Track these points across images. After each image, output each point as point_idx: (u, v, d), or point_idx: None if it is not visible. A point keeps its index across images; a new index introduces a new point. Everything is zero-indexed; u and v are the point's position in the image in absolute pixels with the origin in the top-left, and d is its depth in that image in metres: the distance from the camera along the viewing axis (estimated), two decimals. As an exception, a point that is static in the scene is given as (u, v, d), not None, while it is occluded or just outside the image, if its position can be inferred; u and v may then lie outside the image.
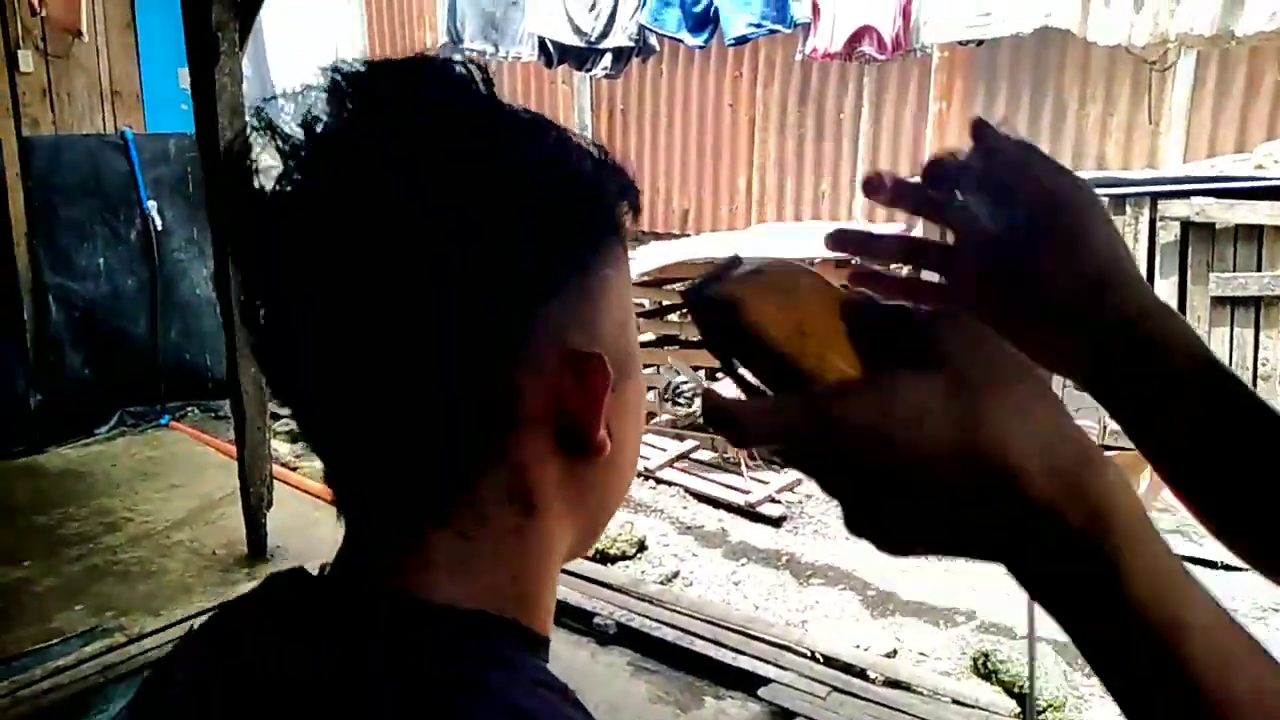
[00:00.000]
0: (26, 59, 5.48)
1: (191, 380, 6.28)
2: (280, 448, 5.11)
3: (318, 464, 0.57)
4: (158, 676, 0.58)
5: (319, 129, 0.51)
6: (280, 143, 0.51)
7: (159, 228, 6.00)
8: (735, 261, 0.54)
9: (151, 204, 5.96)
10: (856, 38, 3.76)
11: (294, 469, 5.31)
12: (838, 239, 0.72)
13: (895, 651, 3.67)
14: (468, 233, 0.49)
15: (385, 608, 0.52)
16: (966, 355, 0.45)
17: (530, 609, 0.56)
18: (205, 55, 3.93)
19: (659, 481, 5.34)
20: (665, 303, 6.42)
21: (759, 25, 3.60)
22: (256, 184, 0.52)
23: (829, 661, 3.54)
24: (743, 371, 0.52)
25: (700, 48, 4.09)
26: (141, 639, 3.61)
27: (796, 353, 0.49)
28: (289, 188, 0.51)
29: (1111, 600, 0.41)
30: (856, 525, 0.46)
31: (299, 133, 0.51)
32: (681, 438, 5.87)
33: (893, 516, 0.45)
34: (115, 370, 5.91)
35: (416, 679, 0.48)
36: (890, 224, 6.07)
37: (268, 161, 0.53)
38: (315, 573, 0.57)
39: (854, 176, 6.31)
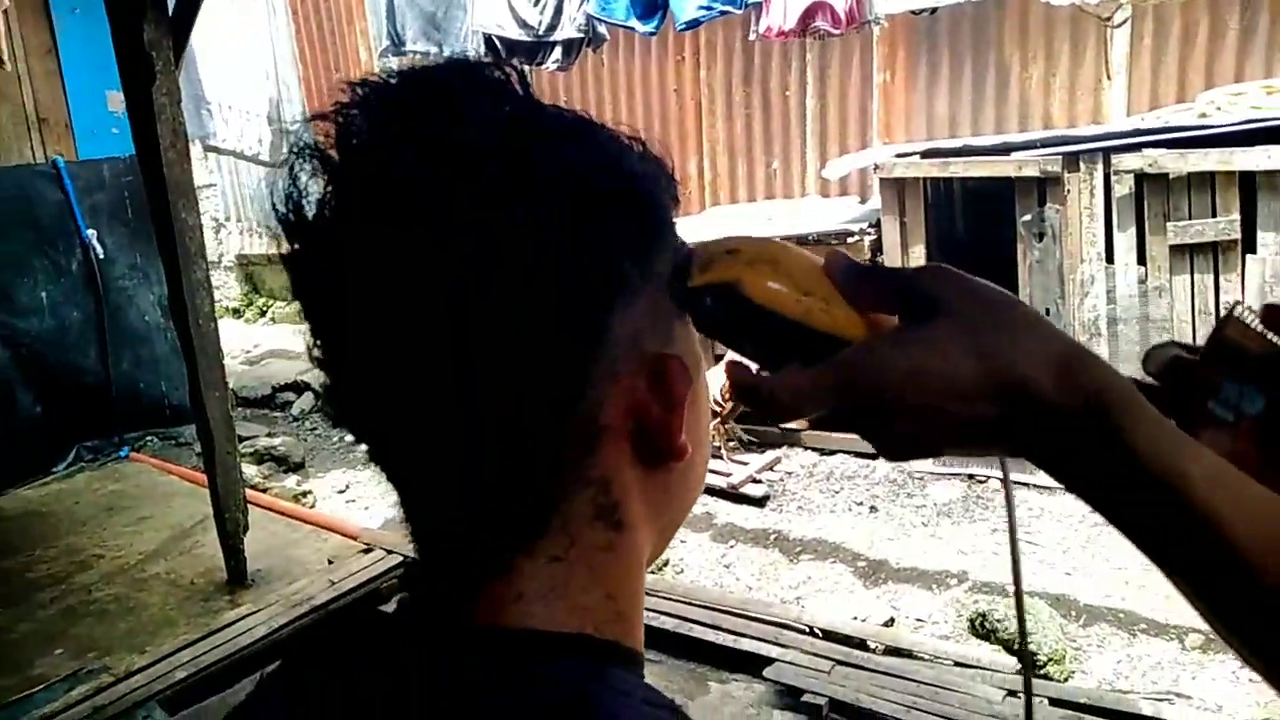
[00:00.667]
0: (-54, 90, 5.30)
1: (148, 409, 6.13)
2: (248, 470, 5.00)
3: (289, 483, 0.54)
4: (246, 706, 0.56)
5: (358, 151, 0.49)
6: (324, 168, 0.49)
7: (100, 256, 5.83)
8: (689, 252, 0.54)
9: (91, 232, 5.79)
10: (810, 14, 3.76)
11: (264, 490, 5.21)
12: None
13: (893, 620, 3.71)
14: (528, 244, 0.47)
15: (482, 643, 0.50)
16: (963, 301, 0.51)
17: (628, 627, 0.54)
18: (140, 75, 3.82)
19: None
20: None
21: (709, 8, 3.57)
22: (296, 209, 0.50)
23: (829, 635, 3.55)
24: (734, 356, 0.56)
25: (651, 34, 4.05)
26: (129, 677, 3.51)
27: (807, 315, 0.52)
28: (332, 214, 0.49)
29: (1123, 462, 0.48)
30: (898, 452, 0.53)
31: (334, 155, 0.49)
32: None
33: (932, 438, 0.53)
34: (68, 405, 5.74)
35: (530, 714, 0.47)
36: (845, 198, 6.12)
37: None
38: (392, 613, 0.56)
39: (804, 153, 6.32)
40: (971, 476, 4.74)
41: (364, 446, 0.54)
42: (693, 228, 5.85)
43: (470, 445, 0.49)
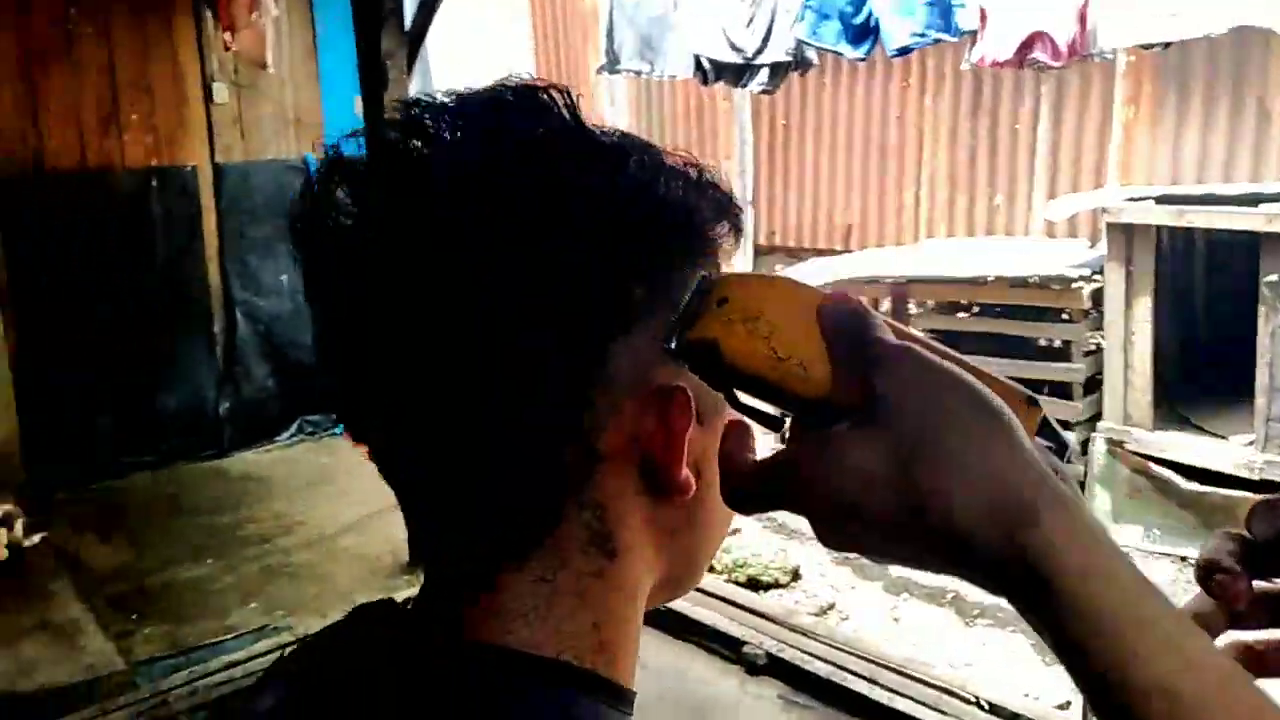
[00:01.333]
0: (221, 91, 5.86)
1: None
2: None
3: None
4: (251, 691, 0.58)
5: (392, 164, 0.51)
6: (351, 177, 0.51)
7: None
8: (705, 283, 0.51)
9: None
10: (1028, 44, 3.54)
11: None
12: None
13: (1069, 703, 3.42)
14: (537, 261, 0.47)
15: (458, 655, 0.50)
16: (912, 410, 0.43)
17: (613, 659, 0.53)
18: (376, 82, 4.09)
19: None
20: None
21: (923, 35, 3.43)
22: (331, 220, 0.51)
23: (995, 710, 3.32)
24: (746, 400, 0.51)
25: (860, 60, 3.95)
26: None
27: (780, 379, 0.48)
28: (356, 222, 0.50)
29: (1057, 647, 0.41)
30: (832, 546, 0.48)
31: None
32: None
33: (863, 549, 0.47)
34: (295, 381, 6.23)
35: (479, 712, 0.48)
36: (1073, 240, 5.73)
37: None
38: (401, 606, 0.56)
39: (1031, 190, 5.98)
40: (1184, 559, 4.31)
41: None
42: (903, 260, 5.65)
43: (463, 458, 0.50)
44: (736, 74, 4.26)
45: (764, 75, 4.17)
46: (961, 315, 5.91)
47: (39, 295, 5.24)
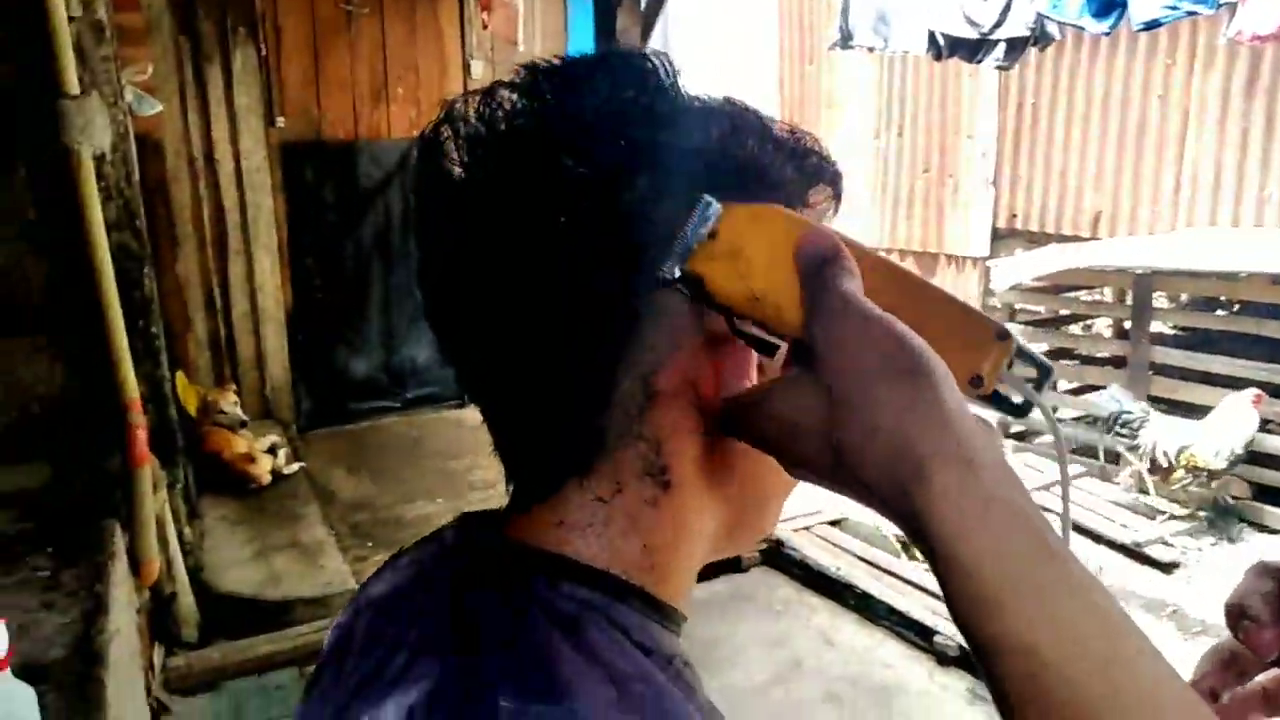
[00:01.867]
0: (478, 68, 6.27)
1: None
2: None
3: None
4: (371, 580, 0.66)
5: (497, 122, 0.55)
6: (460, 134, 0.56)
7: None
8: (703, 214, 0.52)
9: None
10: (1295, 15, 3.18)
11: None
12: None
13: None
14: (609, 211, 0.52)
15: (519, 556, 0.56)
16: (839, 364, 0.47)
17: (662, 580, 0.57)
18: (609, 59, 4.27)
19: (1031, 504, 4.96)
20: (1062, 312, 5.94)
21: (1174, 7, 3.16)
22: (445, 168, 0.57)
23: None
24: (745, 329, 0.54)
25: (1105, 34, 3.69)
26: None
27: (758, 315, 0.51)
28: (462, 173, 0.56)
29: (947, 603, 0.44)
30: (791, 475, 0.54)
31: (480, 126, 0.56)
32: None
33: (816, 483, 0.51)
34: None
35: (526, 618, 0.52)
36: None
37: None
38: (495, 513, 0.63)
39: (1311, 178, 5.37)
40: None
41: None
42: (1153, 249, 5.25)
43: (534, 383, 0.55)
44: (971, 49, 4.10)
45: (1000, 51, 3.99)
46: (1220, 313, 5.44)
47: (311, 253, 5.83)
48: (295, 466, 5.00)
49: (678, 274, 0.51)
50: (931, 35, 4.25)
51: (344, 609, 0.66)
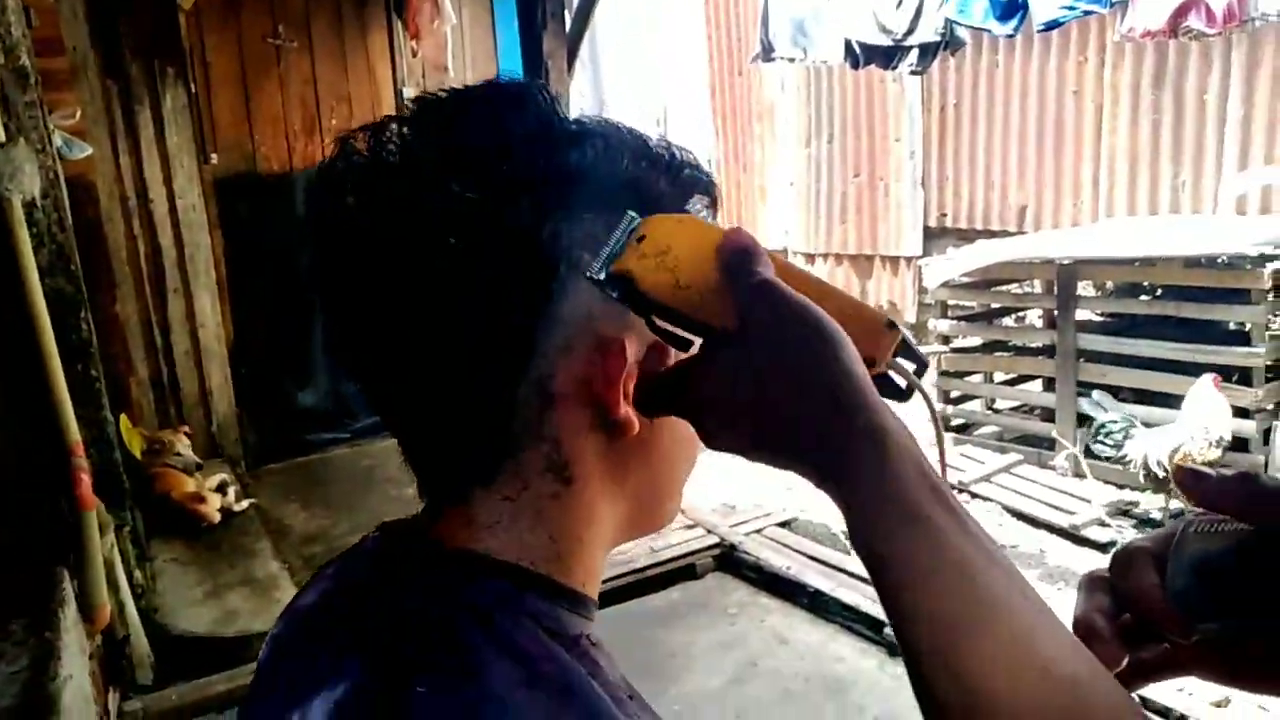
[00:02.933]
0: (409, 94, 6.29)
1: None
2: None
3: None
4: (301, 592, 0.69)
5: (386, 154, 0.59)
6: (353, 166, 0.60)
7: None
8: (630, 223, 0.58)
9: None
10: (1181, 11, 3.34)
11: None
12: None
13: (1228, 701, 3.26)
14: (491, 231, 0.56)
15: (432, 556, 0.61)
16: (764, 339, 0.53)
17: (569, 569, 0.62)
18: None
19: (974, 496, 5.09)
20: (994, 305, 6.10)
21: (1071, 7, 3.32)
22: (339, 201, 0.60)
23: (1143, 703, 3.21)
24: (664, 325, 0.59)
25: (1010, 35, 3.85)
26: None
27: (683, 306, 0.56)
28: (354, 203, 0.59)
29: (851, 534, 0.51)
30: (711, 447, 0.58)
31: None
32: (1004, 450, 5.54)
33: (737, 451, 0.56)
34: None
35: (443, 613, 0.56)
36: (1268, 217, 5.33)
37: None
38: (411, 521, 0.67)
39: (1220, 165, 5.58)
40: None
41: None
42: (1077, 240, 5.43)
43: (434, 397, 0.60)
44: (886, 56, 4.24)
45: (914, 56, 4.14)
46: (1143, 298, 5.62)
47: (251, 288, 5.80)
48: (246, 503, 4.95)
49: (603, 275, 0.57)
50: (848, 44, 4.38)
51: (276, 621, 0.69)
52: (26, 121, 2.94)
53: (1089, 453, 4.87)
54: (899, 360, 0.55)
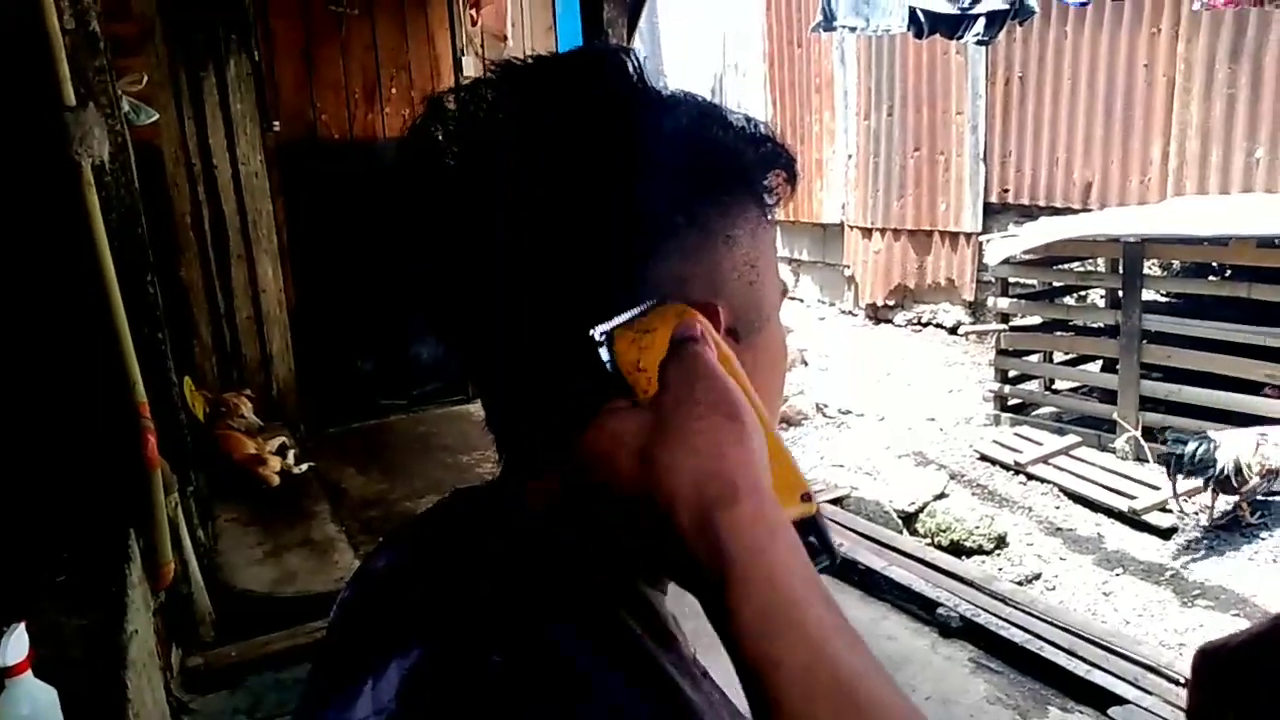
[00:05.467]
0: (468, 64, 6.30)
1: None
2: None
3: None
4: (372, 555, 0.70)
5: (481, 115, 0.60)
6: (447, 128, 0.60)
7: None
8: (650, 306, 0.57)
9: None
10: (1268, -20, 3.21)
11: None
12: None
13: None
14: (591, 192, 0.56)
15: (513, 524, 0.61)
16: (673, 396, 0.51)
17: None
18: (597, 52, 4.31)
19: (1030, 477, 5.01)
20: (1055, 284, 5.98)
21: (1148, -23, 3.21)
22: (435, 161, 0.60)
23: (1204, 693, 3.14)
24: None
25: (1080, 5, 3.74)
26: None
27: (634, 382, 0.55)
28: (453, 164, 0.59)
29: (725, 632, 0.45)
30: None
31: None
32: (1062, 432, 5.45)
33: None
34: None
35: (516, 584, 0.56)
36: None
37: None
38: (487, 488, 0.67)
39: (1298, 142, 5.40)
40: None
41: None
42: (1143, 218, 5.29)
43: (529, 360, 0.59)
44: (952, 25, 4.14)
45: (980, 25, 4.03)
46: (1212, 279, 5.47)
47: (312, 254, 5.88)
48: (305, 466, 5.06)
49: (598, 335, 0.56)
50: (912, 12, 4.29)
51: (346, 585, 0.69)
52: (96, 86, 2.98)
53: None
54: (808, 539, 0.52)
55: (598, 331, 0.56)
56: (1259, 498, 4.32)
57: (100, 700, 2.03)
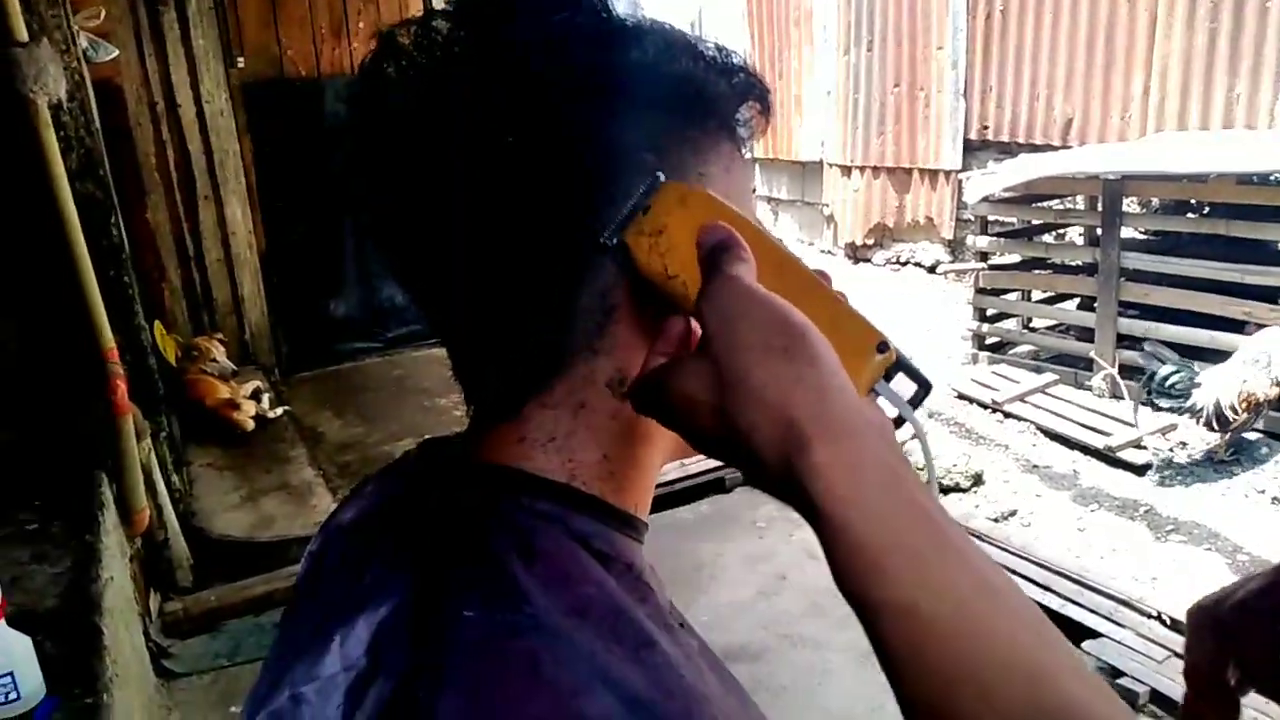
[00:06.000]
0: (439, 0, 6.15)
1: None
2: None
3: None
4: (339, 507, 0.68)
5: (436, 50, 0.56)
6: (399, 64, 0.57)
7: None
8: (647, 188, 0.54)
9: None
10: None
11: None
12: None
13: None
14: (552, 131, 0.53)
15: (479, 474, 0.58)
16: (726, 343, 0.48)
17: (621, 489, 0.59)
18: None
19: (1007, 415, 5.04)
20: (1034, 222, 5.96)
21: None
22: (386, 100, 0.57)
23: (1176, 626, 3.20)
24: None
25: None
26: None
27: (670, 292, 0.53)
28: (405, 102, 0.56)
29: (830, 564, 0.45)
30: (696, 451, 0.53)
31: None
32: (1040, 370, 5.47)
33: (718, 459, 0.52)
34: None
35: (486, 532, 0.54)
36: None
37: None
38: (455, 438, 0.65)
39: (1278, 77, 5.36)
40: None
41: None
42: (1124, 155, 5.27)
43: (492, 302, 0.56)
44: (935, -40, 4.06)
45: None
46: (1191, 216, 5.47)
47: (281, 194, 5.77)
48: (279, 410, 5.02)
49: (615, 242, 0.53)
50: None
51: (314, 538, 0.67)
52: (49, 20, 2.87)
53: (1151, 404, 4.73)
54: (891, 385, 0.50)
55: (610, 237, 0.53)
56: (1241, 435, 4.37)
57: (77, 647, 2.02)
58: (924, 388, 0.52)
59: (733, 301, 0.49)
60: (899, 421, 0.50)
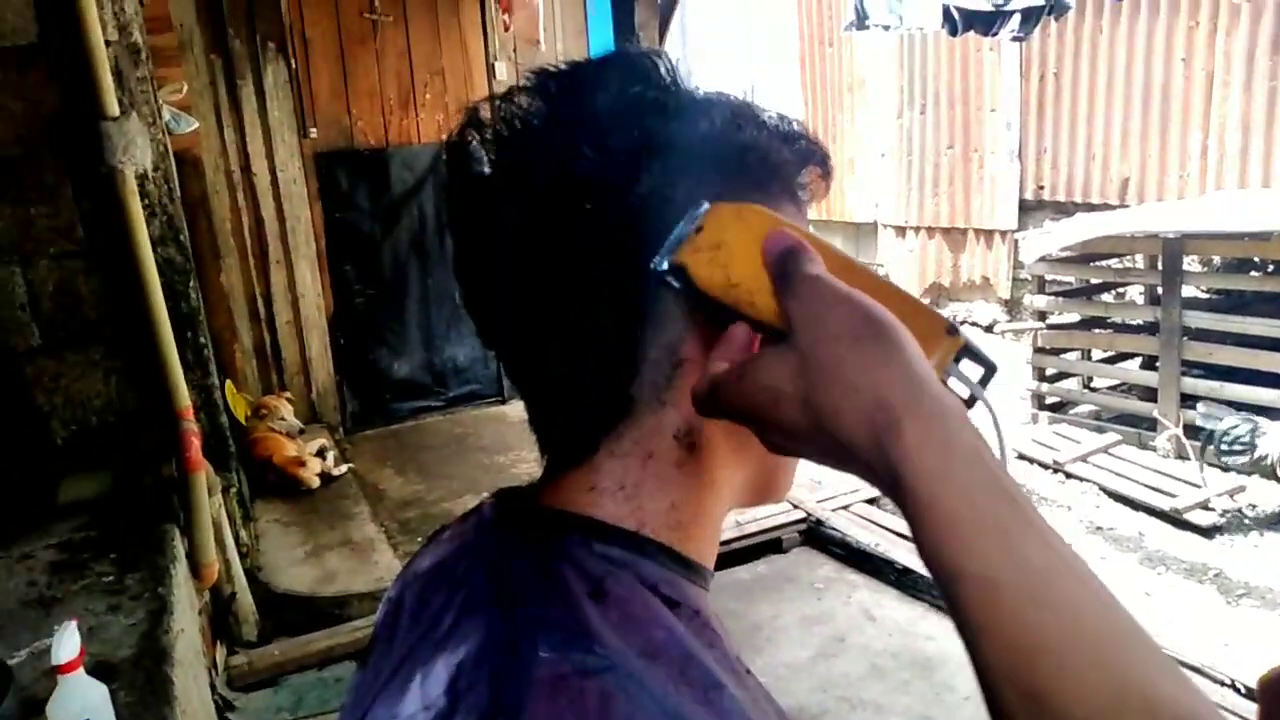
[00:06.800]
0: (501, 69, 6.35)
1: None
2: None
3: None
4: (417, 555, 0.71)
5: (516, 122, 0.61)
6: (485, 134, 0.62)
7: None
8: (694, 212, 0.57)
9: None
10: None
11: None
12: None
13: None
14: (623, 195, 0.57)
15: (551, 521, 0.61)
16: (812, 335, 0.50)
17: (688, 537, 0.62)
18: (629, 53, 4.34)
19: (1069, 476, 4.96)
20: (1093, 281, 5.91)
21: (1187, -29, 3.17)
22: (472, 169, 0.63)
23: (1249, 694, 3.10)
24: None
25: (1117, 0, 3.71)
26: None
27: (734, 302, 0.54)
28: (488, 170, 0.61)
29: (916, 542, 0.47)
30: (771, 450, 0.55)
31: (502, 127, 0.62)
32: (1101, 430, 5.38)
33: (796, 453, 0.55)
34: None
35: (559, 577, 0.56)
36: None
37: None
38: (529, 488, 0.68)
39: (1341, 134, 5.30)
40: None
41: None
42: (1182, 214, 5.22)
43: (569, 357, 0.60)
44: (986, 22, 4.11)
45: (1016, 22, 4.00)
46: (1254, 274, 5.39)
47: (348, 259, 5.96)
48: (344, 468, 5.12)
49: (665, 266, 0.56)
50: (946, 10, 4.27)
51: (392, 584, 0.71)
52: (138, 96, 3.04)
53: (1219, 465, 4.64)
54: (959, 368, 0.52)
55: (658, 261, 0.56)
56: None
57: (148, 697, 2.07)
58: (990, 370, 0.54)
59: (819, 296, 0.51)
60: (969, 402, 0.52)
